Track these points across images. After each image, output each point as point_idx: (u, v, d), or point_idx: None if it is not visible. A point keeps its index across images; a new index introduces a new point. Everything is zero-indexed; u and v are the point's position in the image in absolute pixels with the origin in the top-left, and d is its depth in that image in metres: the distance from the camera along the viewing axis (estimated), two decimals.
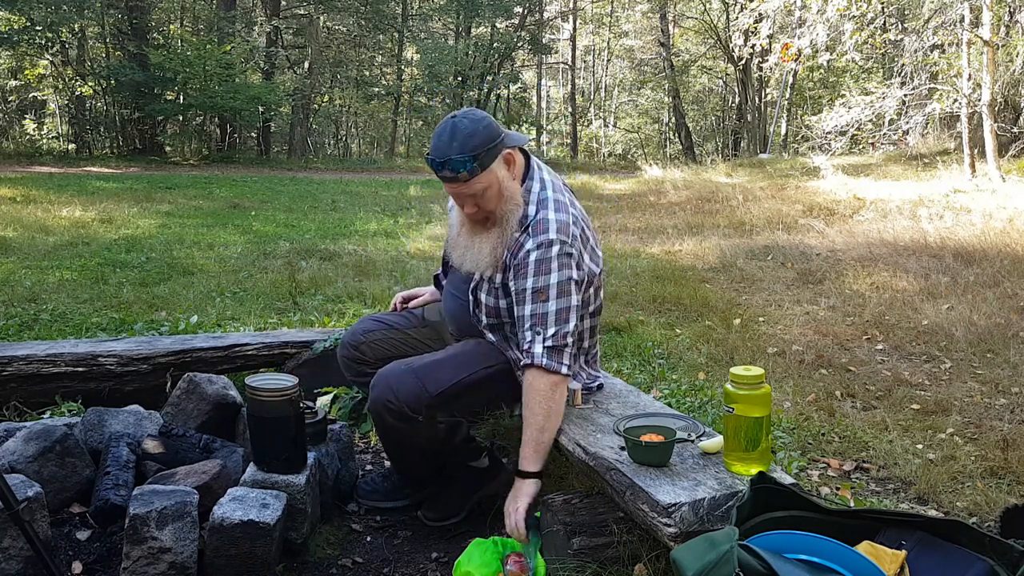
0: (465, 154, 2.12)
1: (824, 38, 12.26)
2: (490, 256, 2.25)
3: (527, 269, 2.19)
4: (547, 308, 2.17)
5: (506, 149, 2.21)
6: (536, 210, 2.24)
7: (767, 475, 1.72)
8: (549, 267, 2.18)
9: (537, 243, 2.19)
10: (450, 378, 2.28)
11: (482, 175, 2.16)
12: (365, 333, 2.60)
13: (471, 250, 2.30)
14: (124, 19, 19.03)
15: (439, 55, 21.89)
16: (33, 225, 7.64)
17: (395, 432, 2.33)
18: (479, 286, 2.36)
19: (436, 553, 2.36)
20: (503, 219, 2.23)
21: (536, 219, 2.22)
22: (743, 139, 23.47)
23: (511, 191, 2.22)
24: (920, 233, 7.39)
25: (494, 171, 2.18)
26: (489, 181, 2.18)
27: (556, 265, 2.18)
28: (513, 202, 2.23)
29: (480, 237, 2.28)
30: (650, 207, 10.19)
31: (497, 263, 2.26)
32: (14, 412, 2.94)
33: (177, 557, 1.97)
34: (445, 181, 2.19)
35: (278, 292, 5.24)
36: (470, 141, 2.13)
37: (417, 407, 2.24)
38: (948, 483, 2.76)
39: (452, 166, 2.13)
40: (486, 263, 2.27)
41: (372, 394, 2.29)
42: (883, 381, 3.85)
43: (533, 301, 2.18)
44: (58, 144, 19.63)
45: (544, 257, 2.18)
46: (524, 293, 2.19)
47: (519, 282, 2.21)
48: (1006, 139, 11.74)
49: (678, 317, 5.04)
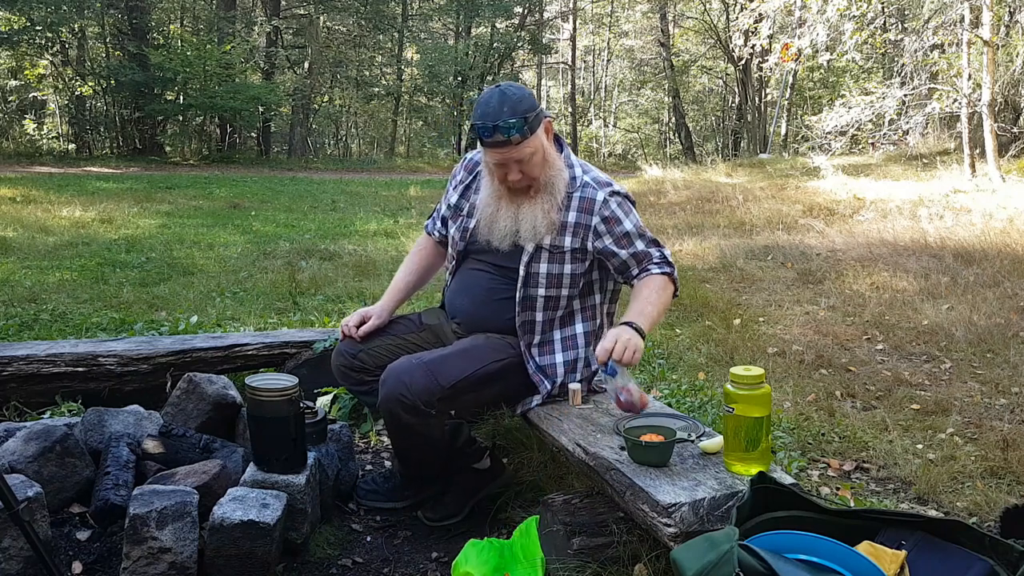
0: (517, 117, 2.20)
1: (824, 38, 12.25)
2: (545, 220, 2.34)
3: (618, 215, 2.36)
4: (647, 234, 2.41)
5: (546, 118, 2.32)
6: (582, 171, 2.40)
7: (767, 475, 1.72)
8: (630, 208, 2.41)
9: (610, 192, 2.37)
10: (461, 371, 2.28)
11: (531, 139, 2.25)
12: (363, 341, 2.58)
13: (523, 220, 2.34)
14: (124, 19, 19.03)
15: (439, 55, 21.90)
16: (33, 225, 7.64)
17: (408, 429, 2.31)
18: (535, 257, 2.37)
19: (436, 553, 2.36)
20: (549, 184, 2.33)
21: (591, 175, 2.40)
22: (743, 139, 23.47)
23: (553, 157, 2.34)
24: (920, 233, 7.39)
25: (539, 136, 2.28)
26: (535, 146, 2.27)
27: (630, 206, 2.42)
28: (556, 167, 2.34)
29: (527, 206, 2.34)
30: (650, 207, 10.18)
31: (553, 226, 2.34)
32: (14, 412, 2.95)
33: (177, 557, 1.97)
34: (494, 147, 2.25)
35: (278, 292, 5.24)
36: (520, 105, 2.22)
37: (430, 401, 2.23)
38: (948, 483, 2.76)
39: (504, 130, 2.20)
40: (543, 228, 2.34)
41: (383, 391, 2.26)
42: (883, 381, 3.85)
43: (639, 236, 2.38)
44: (58, 144, 19.62)
45: (623, 202, 2.39)
46: (628, 236, 2.37)
47: (616, 228, 2.36)
48: (1006, 139, 11.73)
49: (678, 317, 5.04)
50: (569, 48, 28.41)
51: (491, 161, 2.32)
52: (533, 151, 2.26)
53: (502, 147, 2.23)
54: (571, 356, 2.45)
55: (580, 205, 2.35)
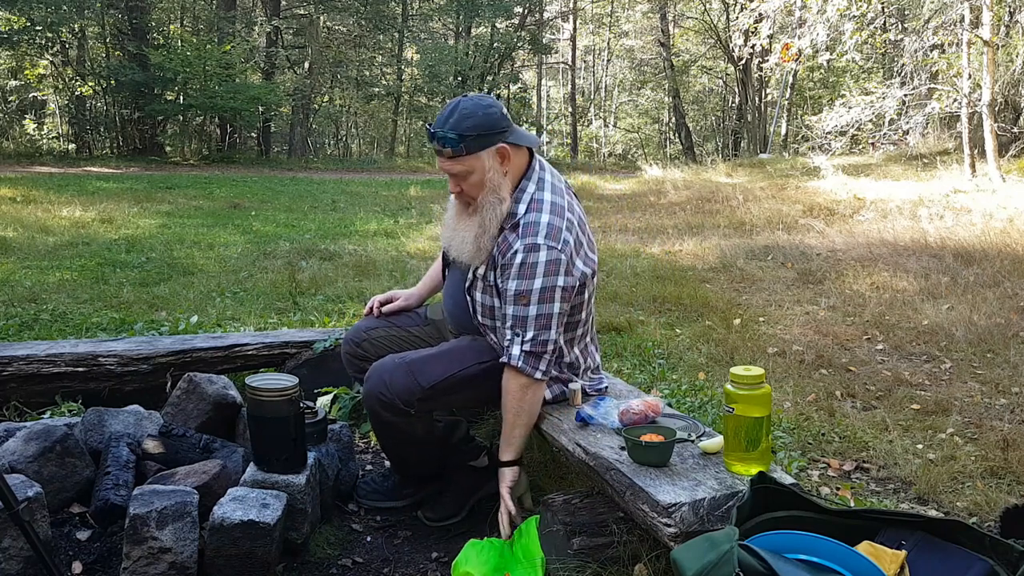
0: (456, 133, 2.16)
1: (824, 38, 12.26)
2: (472, 245, 2.27)
3: (511, 271, 2.20)
4: (527, 312, 2.18)
5: (503, 144, 2.22)
6: (526, 210, 2.23)
7: (767, 475, 1.72)
8: (534, 272, 2.16)
9: (524, 245, 2.18)
10: (442, 372, 2.29)
11: (466, 158, 2.19)
12: (368, 331, 2.62)
13: (457, 235, 2.33)
14: (124, 19, 19.02)
15: (439, 55, 21.89)
16: (33, 225, 7.64)
17: (390, 427, 2.34)
18: (474, 285, 2.36)
19: (436, 553, 2.36)
20: (482, 208, 2.24)
21: (527, 220, 2.21)
22: (743, 139, 23.47)
23: (495, 184, 2.22)
24: (920, 233, 7.39)
25: (482, 158, 2.20)
26: (473, 166, 2.20)
27: (542, 271, 2.16)
28: (495, 195, 2.23)
29: (464, 223, 2.31)
30: (650, 207, 10.19)
31: (480, 254, 2.27)
32: (14, 412, 2.95)
33: (177, 557, 1.97)
34: (437, 154, 2.25)
35: (278, 292, 5.24)
36: (464, 122, 2.17)
37: (409, 400, 2.25)
38: (948, 483, 2.76)
39: (440, 140, 2.19)
40: (469, 251, 2.28)
41: (365, 387, 2.32)
42: (883, 381, 3.85)
43: (515, 303, 2.19)
44: (58, 144, 19.61)
45: (529, 261, 2.17)
46: (507, 294, 2.22)
47: (505, 282, 2.23)
48: (1006, 139, 11.74)
49: (678, 317, 5.04)
50: (569, 48, 28.40)
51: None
52: (468, 170, 2.20)
53: (439, 156, 2.23)
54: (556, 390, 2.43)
55: (500, 245, 2.24)
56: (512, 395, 2.24)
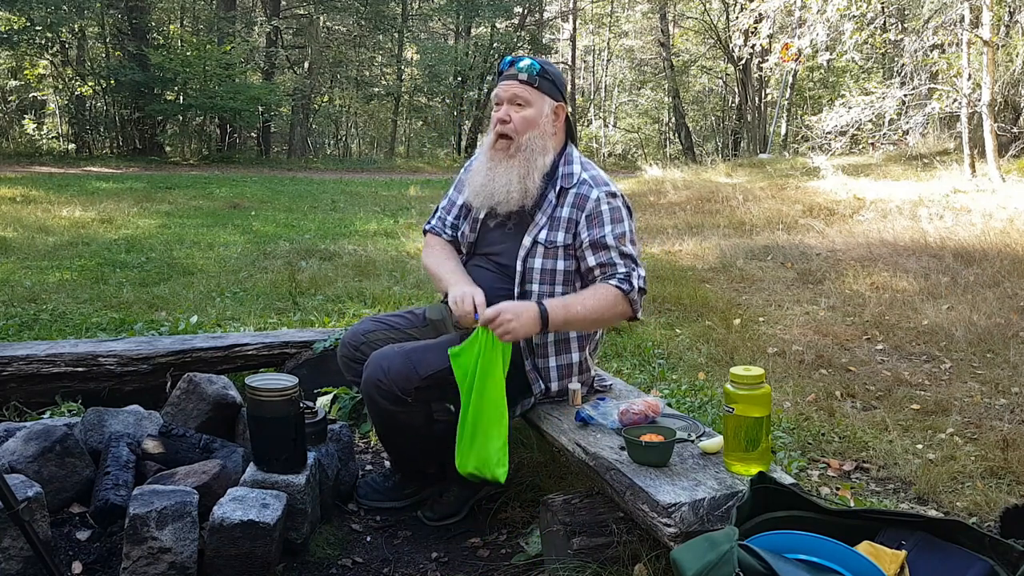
0: (538, 67, 2.35)
1: (824, 38, 12.25)
2: (519, 184, 2.34)
3: (603, 217, 2.31)
4: (633, 251, 2.33)
5: (562, 104, 2.39)
6: (582, 168, 2.39)
7: (767, 475, 1.72)
8: (622, 215, 2.33)
9: (605, 192, 2.33)
10: (441, 362, 2.29)
11: (535, 91, 2.34)
12: (365, 334, 2.58)
13: (497, 180, 2.36)
14: (124, 19, 19.01)
15: (439, 55, 21.89)
16: (33, 225, 7.64)
17: (386, 415, 2.34)
18: (531, 252, 2.36)
19: (436, 553, 2.36)
20: (526, 149, 2.34)
21: (592, 174, 2.38)
22: (743, 139, 23.46)
23: (544, 130, 2.36)
24: (920, 233, 7.39)
25: (545, 101, 2.36)
26: (535, 102, 2.34)
27: (626, 215, 2.35)
28: (542, 140, 2.35)
29: (503, 167, 2.37)
30: (650, 207, 10.18)
31: (528, 195, 2.34)
32: (14, 412, 2.94)
33: (177, 557, 1.97)
34: (505, 80, 2.36)
35: (278, 292, 5.24)
36: (548, 67, 2.39)
37: (407, 388, 2.26)
38: (948, 483, 2.76)
39: (520, 66, 2.35)
40: (517, 191, 2.34)
41: (364, 374, 2.32)
42: (883, 381, 3.85)
43: (618, 245, 2.30)
44: (58, 144, 19.60)
45: (615, 205, 2.33)
46: (605, 239, 2.30)
47: (595, 230, 2.31)
48: (1006, 139, 11.74)
49: (678, 317, 5.04)
50: (569, 48, 28.39)
51: (496, 98, 2.39)
52: (530, 102, 2.33)
53: (510, 80, 2.35)
54: (565, 360, 2.44)
55: (575, 201, 2.34)
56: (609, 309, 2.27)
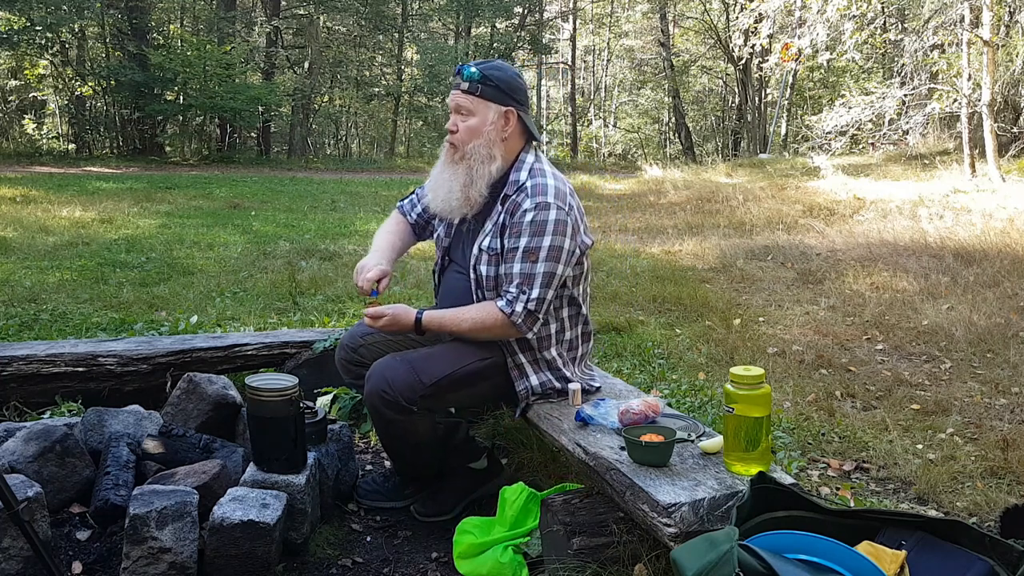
0: (480, 74, 2.30)
1: (824, 38, 12.26)
2: (460, 193, 2.34)
3: (522, 228, 2.26)
4: (535, 269, 2.25)
5: (512, 109, 2.32)
6: (528, 176, 2.32)
7: (767, 475, 1.72)
8: (544, 229, 2.25)
9: (535, 203, 2.26)
10: (444, 369, 2.29)
11: (477, 99, 2.31)
12: (363, 336, 2.58)
13: (442, 183, 2.39)
14: (124, 19, 19.01)
15: (439, 55, 21.87)
16: (33, 225, 7.64)
17: (392, 426, 2.33)
18: (479, 259, 2.37)
19: (436, 553, 2.36)
20: (470, 158, 2.33)
21: (535, 183, 2.30)
22: (743, 139, 23.47)
23: (489, 138, 2.31)
24: (920, 233, 7.39)
25: (489, 108, 2.31)
26: (478, 110, 2.31)
27: (551, 229, 2.25)
28: (487, 149, 2.31)
29: (449, 171, 2.38)
30: (650, 207, 10.19)
31: (466, 205, 2.34)
32: (14, 412, 2.94)
33: (177, 557, 1.97)
34: (454, 88, 2.36)
35: (278, 292, 5.24)
36: (492, 72, 2.32)
37: (412, 397, 2.25)
38: (948, 483, 2.76)
39: (464, 71, 2.32)
40: (457, 199, 2.35)
41: (367, 386, 2.30)
42: (883, 381, 3.85)
43: (523, 260, 2.25)
44: (58, 144, 19.60)
45: (540, 219, 2.25)
46: (516, 251, 2.26)
47: (512, 240, 2.28)
48: (1006, 139, 11.75)
49: (678, 317, 5.04)
50: (569, 48, 28.40)
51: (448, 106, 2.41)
52: (472, 111, 2.31)
53: (455, 89, 2.34)
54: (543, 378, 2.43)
55: (511, 208, 2.30)
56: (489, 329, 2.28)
